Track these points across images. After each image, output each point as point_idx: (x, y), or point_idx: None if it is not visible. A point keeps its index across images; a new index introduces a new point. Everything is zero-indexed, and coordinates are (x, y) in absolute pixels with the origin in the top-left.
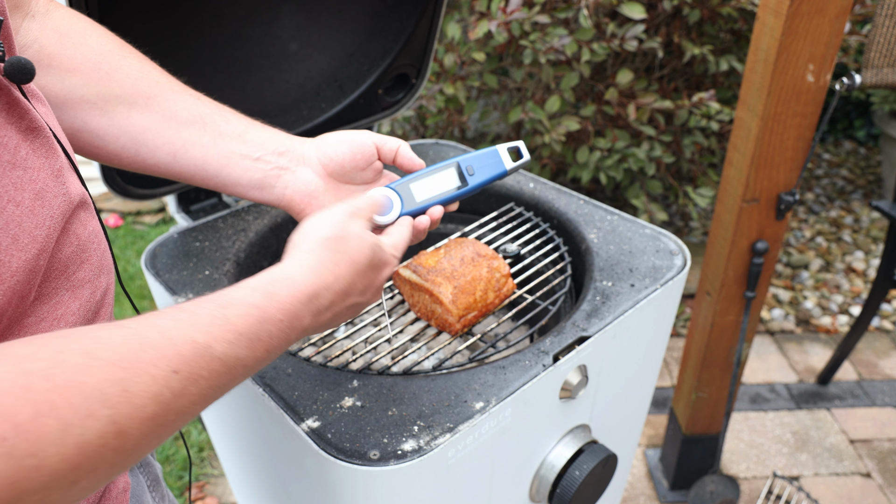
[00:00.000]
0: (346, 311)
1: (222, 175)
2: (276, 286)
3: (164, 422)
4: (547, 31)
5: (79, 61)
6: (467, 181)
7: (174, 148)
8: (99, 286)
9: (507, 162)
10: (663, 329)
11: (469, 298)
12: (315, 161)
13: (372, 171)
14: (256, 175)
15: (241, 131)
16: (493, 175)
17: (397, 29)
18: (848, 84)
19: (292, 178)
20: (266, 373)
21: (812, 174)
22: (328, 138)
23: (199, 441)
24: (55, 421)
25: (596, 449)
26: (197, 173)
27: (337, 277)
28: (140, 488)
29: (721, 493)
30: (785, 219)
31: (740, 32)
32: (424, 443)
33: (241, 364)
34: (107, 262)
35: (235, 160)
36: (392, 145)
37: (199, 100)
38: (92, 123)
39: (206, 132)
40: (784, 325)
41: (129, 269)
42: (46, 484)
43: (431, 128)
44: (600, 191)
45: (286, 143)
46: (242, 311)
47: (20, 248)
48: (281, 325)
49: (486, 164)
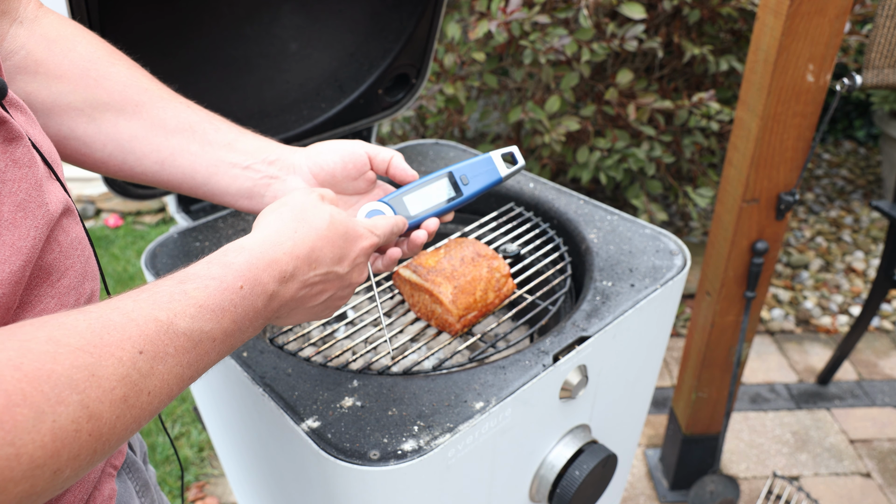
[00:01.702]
0: (326, 283)
1: (211, 184)
2: (231, 255)
3: (136, 403)
4: (547, 31)
5: (66, 68)
6: (462, 191)
7: (162, 156)
8: (83, 293)
9: (501, 169)
10: (663, 329)
11: (469, 298)
12: (305, 170)
13: (364, 181)
14: (246, 184)
15: (231, 140)
16: (488, 183)
17: (397, 29)
18: (849, 85)
19: (282, 187)
20: (266, 373)
21: (812, 174)
22: (319, 147)
23: (199, 441)
24: (28, 409)
25: (596, 449)
26: (185, 182)
27: (296, 242)
28: (128, 494)
29: (721, 493)
30: (785, 219)
31: (740, 32)
32: (424, 443)
33: (208, 338)
34: (91, 268)
35: (224, 169)
36: (385, 156)
37: (188, 107)
38: (79, 130)
39: (194, 140)
40: (784, 325)
41: (129, 269)
42: (28, 473)
43: (431, 128)
44: (600, 191)
45: (276, 152)
46: (200, 283)
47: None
48: (242, 293)
49: (481, 172)
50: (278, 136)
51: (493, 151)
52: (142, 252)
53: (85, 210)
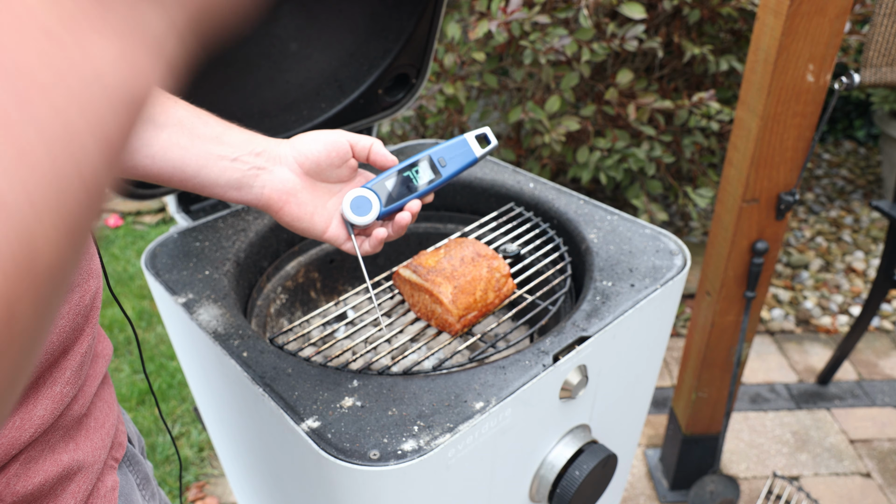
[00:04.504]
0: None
1: (201, 176)
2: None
3: None
4: (547, 31)
5: None
6: (440, 172)
7: (152, 150)
8: (88, 290)
9: (476, 149)
10: (663, 329)
11: (469, 298)
12: (291, 160)
13: (347, 168)
14: (234, 175)
15: (219, 133)
16: (465, 164)
17: (397, 29)
18: (847, 83)
19: (270, 177)
20: (266, 373)
21: (812, 174)
22: (303, 137)
23: (199, 441)
24: None
25: (596, 449)
26: (175, 175)
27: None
28: (129, 486)
29: (721, 493)
30: (785, 219)
31: (740, 32)
32: (424, 443)
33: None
34: (95, 265)
35: (213, 161)
36: (365, 143)
37: (176, 103)
38: None
39: (184, 134)
40: (784, 325)
41: (129, 269)
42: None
43: (431, 128)
44: (600, 191)
45: (262, 144)
46: None
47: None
48: None
49: (457, 153)
50: (279, 136)
51: (466, 133)
52: (142, 252)
53: None
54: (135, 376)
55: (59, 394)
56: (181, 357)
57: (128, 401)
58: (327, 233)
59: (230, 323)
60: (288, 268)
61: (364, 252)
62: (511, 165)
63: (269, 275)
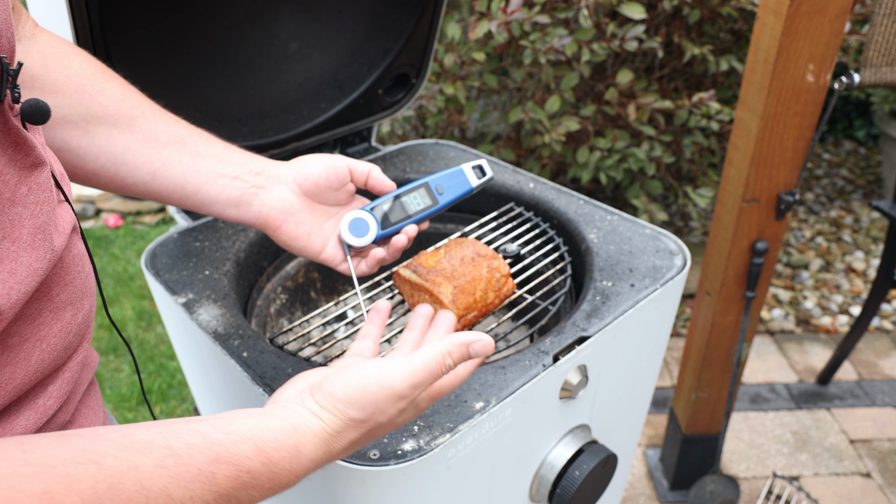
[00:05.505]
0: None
1: (200, 193)
2: (281, 454)
3: None
4: (547, 31)
5: (62, 83)
6: (437, 200)
7: (154, 167)
8: (81, 308)
9: (472, 180)
10: (663, 329)
11: (469, 298)
12: (290, 180)
13: (345, 192)
14: (234, 193)
15: (220, 152)
16: (461, 193)
17: (397, 29)
18: (846, 83)
19: (269, 196)
20: (266, 373)
21: (812, 174)
22: (303, 159)
23: None
24: None
25: (596, 449)
26: (175, 192)
27: (351, 442)
28: None
29: (721, 493)
30: (785, 219)
31: (740, 32)
32: (424, 443)
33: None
34: (90, 284)
35: (213, 178)
36: (363, 168)
37: (178, 122)
38: (72, 143)
39: (185, 152)
40: (784, 325)
41: (129, 269)
42: None
43: (431, 128)
44: (600, 191)
45: (262, 164)
46: (232, 473)
47: (19, 280)
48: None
49: (454, 182)
50: (278, 136)
51: (464, 164)
52: (142, 252)
53: (85, 210)
54: (135, 376)
55: (42, 406)
56: (181, 357)
57: (128, 401)
58: (323, 253)
59: (230, 323)
60: (288, 268)
61: (360, 273)
62: (511, 165)
63: (269, 275)
